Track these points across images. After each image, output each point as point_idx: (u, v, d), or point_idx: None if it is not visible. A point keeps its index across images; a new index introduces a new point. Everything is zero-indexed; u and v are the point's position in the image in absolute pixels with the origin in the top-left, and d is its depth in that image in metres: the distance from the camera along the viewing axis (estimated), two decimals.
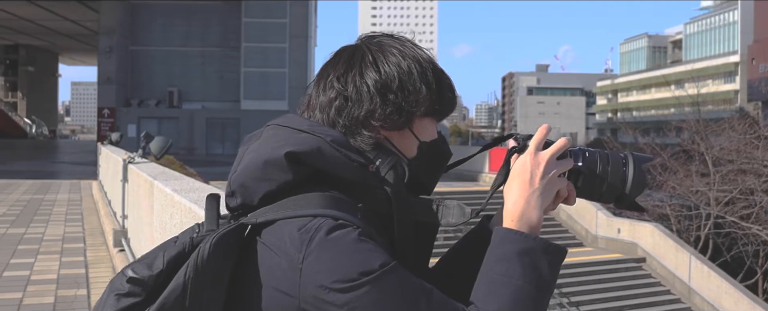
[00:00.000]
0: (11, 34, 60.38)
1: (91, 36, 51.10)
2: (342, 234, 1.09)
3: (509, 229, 1.19)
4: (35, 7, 45.99)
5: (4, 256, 9.67)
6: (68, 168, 30.63)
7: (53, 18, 49.75)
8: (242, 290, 1.15)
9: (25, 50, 69.06)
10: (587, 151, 1.28)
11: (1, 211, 14.56)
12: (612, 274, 19.74)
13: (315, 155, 1.16)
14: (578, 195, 1.28)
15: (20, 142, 56.72)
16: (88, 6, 43.66)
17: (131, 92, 42.10)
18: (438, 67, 1.29)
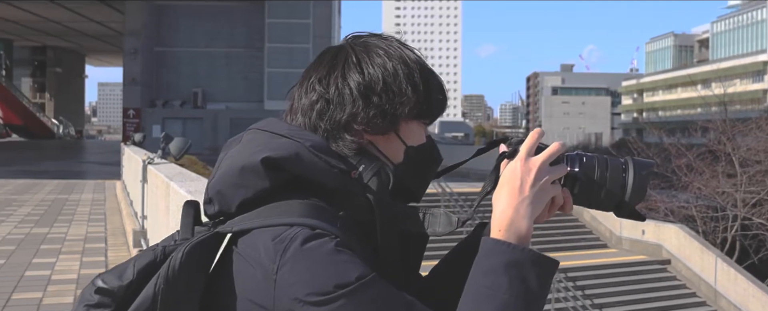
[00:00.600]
0: (39, 36, 61.13)
1: (116, 37, 51.56)
2: (318, 244, 1.04)
3: (496, 240, 1.12)
4: (62, 8, 46.53)
5: (26, 256, 9.75)
6: (93, 168, 30.93)
7: (79, 19, 50.30)
8: (217, 301, 1.11)
9: (52, 51, 69.89)
10: (585, 155, 1.21)
11: (25, 211, 14.71)
12: (636, 276, 19.54)
13: (293, 161, 1.11)
14: (575, 203, 1.21)
15: (48, 142, 57.39)
16: (113, 7, 44.07)
17: (156, 93, 42.42)
18: (427, 67, 1.24)
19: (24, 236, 11.48)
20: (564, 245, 20.98)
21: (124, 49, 42.19)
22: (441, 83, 1.27)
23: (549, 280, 1.12)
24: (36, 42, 66.30)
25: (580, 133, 67.52)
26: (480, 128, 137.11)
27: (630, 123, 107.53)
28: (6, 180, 21.51)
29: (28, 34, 60.07)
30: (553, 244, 20.66)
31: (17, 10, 48.01)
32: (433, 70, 1.26)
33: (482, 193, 1.19)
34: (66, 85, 72.23)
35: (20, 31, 59.00)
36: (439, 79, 1.26)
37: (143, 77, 41.19)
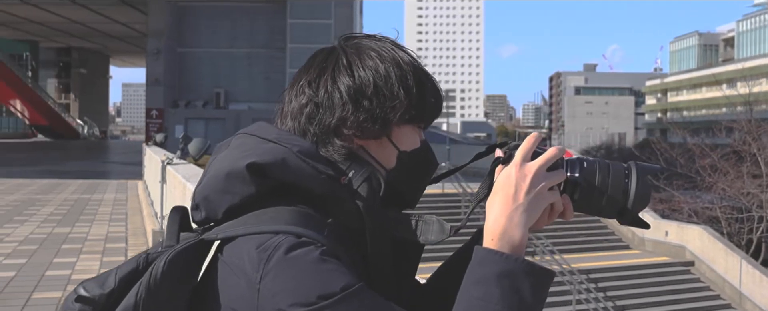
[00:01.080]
0: (64, 37, 61.82)
1: (140, 38, 52.00)
2: (302, 253, 1.01)
3: (488, 249, 1.08)
4: (86, 10, 47.00)
5: (48, 255, 9.84)
6: (117, 168, 31.19)
7: (103, 21, 50.78)
8: (203, 310, 1.08)
9: (77, 53, 70.63)
10: (585, 160, 1.17)
11: (49, 210, 14.85)
12: (659, 278, 19.38)
13: (279, 167, 1.08)
14: (576, 209, 1.17)
15: (72, 142, 58.00)
16: (136, 8, 44.45)
17: (179, 93, 42.69)
18: (421, 69, 1.21)
19: (46, 235, 11.59)
20: (586, 246, 20.85)
21: (147, 50, 42.51)
22: (436, 86, 1.23)
23: (543, 291, 1.08)
24: (61, 43, 67.05)
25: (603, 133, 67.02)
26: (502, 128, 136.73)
27: (654, 123, 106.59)
28: (31, 179, 21.76)
29: (53, 35, 60.77)
30: (574, 245, 20.54)
31: (42, 12, 48.57)
32: (428, 73, 1.22)
33: (475, 200, 1.16)
34: (90, 85, 72.97)
35: (45, 33, 59.70)
36: (434, 81, 1.23)
37: (166, 78, 41.49)
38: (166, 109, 41.24)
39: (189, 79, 42.94)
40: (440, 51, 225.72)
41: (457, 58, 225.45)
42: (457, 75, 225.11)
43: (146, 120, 41.53)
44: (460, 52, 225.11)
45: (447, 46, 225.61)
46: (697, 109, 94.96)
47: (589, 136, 65.65)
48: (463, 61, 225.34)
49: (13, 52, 62.31)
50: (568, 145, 55.71)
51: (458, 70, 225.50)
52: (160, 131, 34.38)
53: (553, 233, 20.01)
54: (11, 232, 11.83)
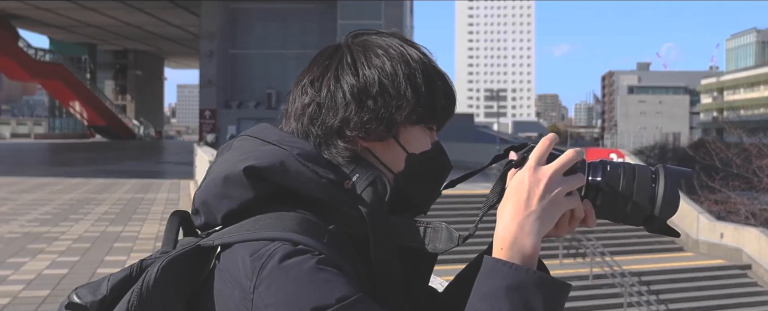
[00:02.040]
0: (121, 40, 63.19)
1: (193, 40, 52.84)
2: (297, 261, 0.95)
3: (497, 260, 1.01)
4: (142, 13, 48.00)
5: (100, 253, 10.07)
6: (171, 168, 31.73)
7: (158, 23, 51.78)
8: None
9: (133, 55, 72.10)
10: (609, 164, 1.09)
11: (103, 209, 15.19)
12: (714, 281, 18.91)
13: (277, 170, 1.03)
14: (599, 216, 1.09)
15: (128, 142, 59.22)
16: (190, 11, 45.18)
17: (231, 94, 43.24)
18: (432, 67, 1.15)
19: (99, 234, 11.86)
20: (638, 248, 20.48)
21: (200, 52, 43.18)
22: (448, 85, 1.17)
23: (558, 306, 1.00)
24: (118, 46, 68.54)
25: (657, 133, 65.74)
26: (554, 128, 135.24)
27: (709, 123, 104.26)
28: (87, 179, 22.28)
29: (110, 38, 62.18)
30: (626, 247, 20.20)
31: (101, 16, 49.78)
32: (440, 71, 1.16)
33: (486, 206, 1.08)
34: (146, 87, 74.39)
35: (103, 36, 61.12)
36: (446, 80, 1.17)
37: (218, 79, 42.06)
38: (219, 109, 41.80)
39: (241, 80, 43.46)
40: (491, 51, 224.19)
41: (508, 57, 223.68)
42: (508, 74, 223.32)
43: (200, 120, 42.16)
44: (511, 52, 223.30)
45: (498, 45, 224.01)
46: (755, 108, 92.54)
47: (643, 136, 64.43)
48: (514, 61, 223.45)
49: (72, 55, 63.98)
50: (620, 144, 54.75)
51: (509, 70, 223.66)
52: (213, 131, 34.83)
53: (603, 234, 19.71)
54: (66, 230, 12.13)
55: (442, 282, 2.02)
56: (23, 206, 15.13)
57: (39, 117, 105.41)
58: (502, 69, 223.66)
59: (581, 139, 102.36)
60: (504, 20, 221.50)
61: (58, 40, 64.48)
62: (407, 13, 47.68)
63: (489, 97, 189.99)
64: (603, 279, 18.06)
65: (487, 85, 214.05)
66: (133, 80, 73.62)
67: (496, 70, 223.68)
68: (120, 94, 75.01)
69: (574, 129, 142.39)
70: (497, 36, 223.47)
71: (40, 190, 18.71)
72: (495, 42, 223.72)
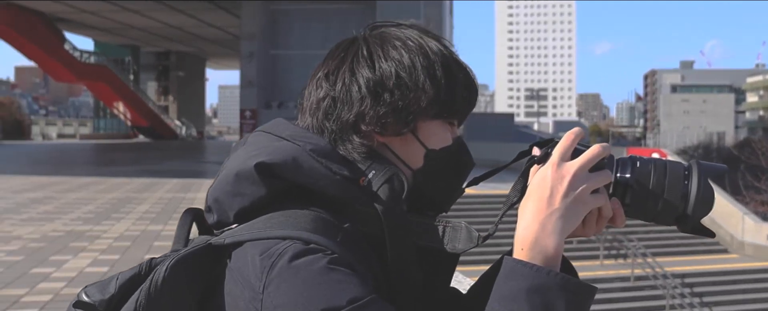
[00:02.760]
0: (163, 42, 64.09)
1: (234, 41, 53.36)
2: (308, 261, 0.92)
3: (517, 260, 0.96)
4: (183, 15, 48.63)
5: (140, 252, 10.21)
6: (212, 167, 32.03)
7: (200, 25, 52.39)
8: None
9: (175, 56, 73.05)
10: (639, 160, 1.04)
11: (144, 209, 15.40)
12: (760, 284, 18.51)
13: (289, 167, 1.01)
14: (628, 215, 1.04)
15: (171, 142, 60.03)
16: (231, 12, 45.64)
17: (271, 94, 43.55)
18: (453, 60, 1.11)
19: (139, 233, 12.02)
20: (681, 249, 20.14)
21: (240, 53, 43.58)
22: (470, 78, 1.13)
23: (583, 310, 0.96)
24: (160, 47, 69.53)
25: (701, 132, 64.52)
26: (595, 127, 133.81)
27: (755, 122, 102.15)
28: (129, 178, 22.61)
29: (153, 40, 63.11)
30: (669, 248, 19.88)
31: (143, 18, 50.57)
32: (461, 63, 1.13)
33: (507, 204, 1.04)
34: (188, 87, 75.30)
35: (146, 38, 62.08)
36: (468, 72, 1.13)
37: (259, 79, 42.40)
38: (260, 110, 42.12)
39: (282, 81, 43.73)
40: (531, 50, 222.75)
41: (549, 56, 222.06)
42: (548, 74, 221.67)
43: (241, 121, 42.56)
44: (552, 51, 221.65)
45: (538, 44, 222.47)
46: None
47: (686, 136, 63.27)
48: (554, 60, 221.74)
49: (116, 57, 65.10)
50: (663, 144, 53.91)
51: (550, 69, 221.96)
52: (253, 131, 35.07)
53: (645, 235, 19.42)
54: (108, 229, 12.32)
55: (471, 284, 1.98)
56: (67, 205, 15.42)
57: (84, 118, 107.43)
58: (542, 68, 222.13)
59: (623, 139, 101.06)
60: (544, 18, 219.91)
61: (102, 43, 65.63)
62: (446, 13, 47.56)
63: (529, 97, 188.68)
64: (645, 281, 17.80)
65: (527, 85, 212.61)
66: (176, 81, 74.58)
67: (536, 69, 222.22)
68: (162, 95, 76.04)
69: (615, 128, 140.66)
70: (537, 35, 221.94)
71: (84, 189, 19.04)
72: (535, 41, 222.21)
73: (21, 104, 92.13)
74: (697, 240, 20.71)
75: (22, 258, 9.24)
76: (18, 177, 22.08)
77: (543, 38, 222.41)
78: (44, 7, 48.72)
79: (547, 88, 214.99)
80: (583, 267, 18.05)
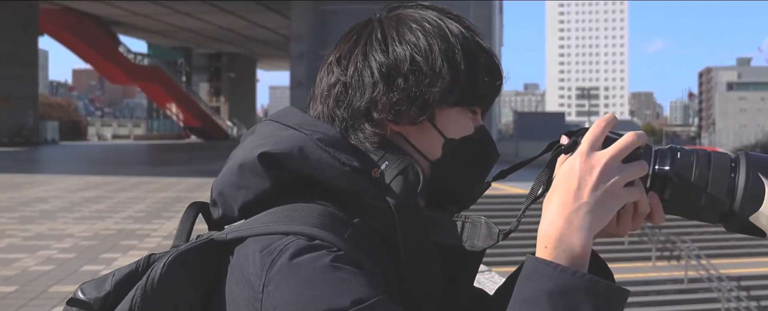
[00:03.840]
0: (214, 43, 65.03)
1: (284, 42, 53.84)
2: (310, 258, 0.85)
3: (540, 260, 0.88)
4: (235, 17, 49.26)
5: None
6: None
7: (250, 26, 53.01)
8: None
9: (227, 58, 74.03)
10: (680, 150, 0.94)
11: None
12: None
13: (295, 157, 0.94)
14: (667, 211, 0.95)
15: (222, 143, 60.80)
16: (281, 14, 46.06)
17: None
18: (475, 43, 1.03)
19: None
20: (737, 251, 19.61)
21: (290, 54, 43.94)
22: (493, 62, 1.05)
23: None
24: (212, 49, 70.55)
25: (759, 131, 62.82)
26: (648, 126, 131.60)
27: None
28: (181, 178, 22.94)
29: (205, 42, 64.08)
30: (724, 249, 19.38)
31: (195, 20, 51.40)
32: (484, 47, 1.05)
33: (530, 197, 0.95)
34: (239, 88, 76.24)
35: (198, 40, 63.07)
36: (491, 57, 1.05)
37: (309, 80, 42.26)
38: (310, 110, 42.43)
39: None
40: (583, 48, 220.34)
41: (600, 55, 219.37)
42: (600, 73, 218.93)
43: None
44: (604, 49, 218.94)
45: (590, 43, 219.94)
46: None
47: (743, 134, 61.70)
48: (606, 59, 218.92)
49: (169, 59, 66.33)
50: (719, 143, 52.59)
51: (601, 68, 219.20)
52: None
53: (699, 236, 18.97)
54: (158, 228, 12.50)
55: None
56: (119, 204, 15.70)
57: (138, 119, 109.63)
58: (594, 67, 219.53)
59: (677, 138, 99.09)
60: (595, 17, 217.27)
61: (155, 45, 66.86)
62: (496, 13, 47.31)
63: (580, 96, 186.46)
64: (699, 283, 17.40)
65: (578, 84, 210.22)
66: (227, 82, 75.56)
67: (588, 68, 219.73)
68: (214, 96, 77.12)
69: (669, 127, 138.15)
70: (589, 33, 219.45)
71: (137, 189, 19.38)
72: (587, 40, 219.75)
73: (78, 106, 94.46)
74: (755, 241, 20.13)
75: (74, 256, 9.40)
76: (74, 176, 22.58)
77: (594, 36, 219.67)
78: (99, 10, 49.89)
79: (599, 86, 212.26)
80: (635, 269, 17.72)
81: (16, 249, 9.58)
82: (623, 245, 18.30)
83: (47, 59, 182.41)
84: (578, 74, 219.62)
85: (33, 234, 10.92)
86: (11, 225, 11.67)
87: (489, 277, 2.61)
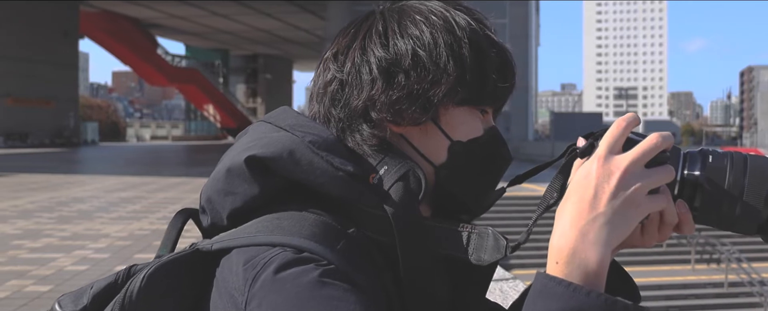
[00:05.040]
0: (251, 45, 65.62)
1: (320, 43, 54.07)
2: (296, 273, 0.77)
3: (550, 277, 0.76)
4: (271, 18, 49.62)
5: None
6: None
7: (286, 28, 53.38)
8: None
9: (263, 59, 74.68)
10: (712, 153, 0.84)
11: None
12: None
13: (285, 161, 0.86)
14: (698, 221, 0.84)
15: None
16: (317, 15, 46.27)
17: None
18: (484, 36, 0.95)
19: None
20: None
21: None
22: (504, 58, 0.96)
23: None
24: (249, 51, 71.20)
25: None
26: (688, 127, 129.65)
27: None
28: None
29: (242, 43, 64.68)
30: (766, 253, 18.96)
31: (232, 22, 51.91)
32: (495, 41, 0.96)
33: (541, 206, 0.85)
34: (276, 89, 76.82)
35: (235, 42, 63.67)
36: (502, 51, 0.96)
37: None
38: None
39: None
40: (621, 48, 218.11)
41: (639, 54, 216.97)
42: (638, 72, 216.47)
43: None
44: (642, 49, 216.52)
45: (628, 42, 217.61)
46: None
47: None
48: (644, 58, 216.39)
49: (206, 60, 67.04)
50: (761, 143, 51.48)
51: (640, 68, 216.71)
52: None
53: (740, 239, 18.57)
54: (191, 228, 12.46)
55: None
56: (155, 204, 15.84)
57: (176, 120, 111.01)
58: (632, 67, 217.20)
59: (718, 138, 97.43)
60: (634, 16, 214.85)
61: (193, 47, 67.69)
62: (533, 12, 46.98)
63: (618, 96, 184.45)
64: (740, 287, 17.00)
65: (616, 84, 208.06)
66: (263, 83, 76.19)
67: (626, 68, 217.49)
68: (251, 97, 77.80)
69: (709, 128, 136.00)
70: (627, 33, 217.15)
71: (173, 189, 19.56)
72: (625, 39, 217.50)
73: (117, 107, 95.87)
74: None
75: (108, 256, 9.48)
76: (112, 177, 22.91)
77: (633, 36, 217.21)
78: (138, 13, 50.62)
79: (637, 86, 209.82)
80: (674, 272, 17.42)
81: (52, 248, 9.70)
82: (662, 248, 17.98)
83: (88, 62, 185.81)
84: (616, 74, 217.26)
85: (70, 234, 11.05)
86: (49, 225, 11.83)
87: (513, 286, 2.51)
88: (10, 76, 42.11)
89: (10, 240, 10.28)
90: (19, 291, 7.25)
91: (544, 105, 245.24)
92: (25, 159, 31.09)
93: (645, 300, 15.99)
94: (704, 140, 78.97)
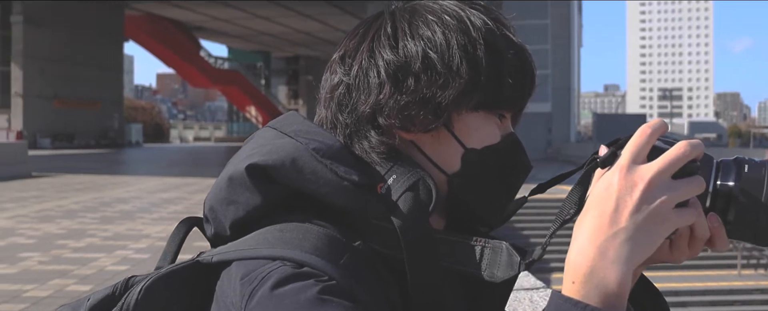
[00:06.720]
0: (292, 47, 66.09)
1: None
2: (294, 289, 0.73)
3: (566, 298, 0.70)
4: (311, 20, 49.92)
5: None
6: None
7: (327, 29, 53.62)
8: None
9: (304, 61, 75.15)
10: (748, 162, 0.76)
11: None
12: None
13: (287, 170, 0.82)
14: (732, 236, 0.77)
15: None
16: (356, 16, 46.39)
17: None
18: (501, 37, 0.89)
19: None
20: None
21: None
22: (523, 60, 0.90)
23: None
24: (290, 53, 71.71)
25: None
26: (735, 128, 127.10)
27: None
28: None
29: (283, 45, 65.19)
30: None
31: (274, 24, 52.36)
32: (514, 41, 0.90)
33: (558, 219, 0.78)
34: (317, 91, 77.13)
35: (277, 44, 64.21)
36: (521, 52, 0.90)
37: None
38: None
39: None
40: (665, 48, 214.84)
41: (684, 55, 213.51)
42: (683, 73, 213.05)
43: None
44: (687, 49, 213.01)
45: (672, 43, 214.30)
46: None
47: None
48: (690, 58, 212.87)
49: (248, 62, 67.71)
50: None
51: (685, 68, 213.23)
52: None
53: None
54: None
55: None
56: (194, 205, 15.99)
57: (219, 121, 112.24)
58: (677, 67, 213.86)
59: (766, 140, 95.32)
60: (678, 15, 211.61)
61: (235, 49, 68.41)
62: (575, 12, 46.53)
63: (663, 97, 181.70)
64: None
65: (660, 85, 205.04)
66: (305, 85, 76.60)
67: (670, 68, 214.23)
68: (292, 99, 78.28)
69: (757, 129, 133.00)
70: (671, 33, 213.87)
71: None
72: (669, 39, 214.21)
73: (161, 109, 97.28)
74: None
75: (149, 257, 9.58)
76: (154, 178, 23.19)
77: (678, 36, 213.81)
78: (181, 16, 51.36)
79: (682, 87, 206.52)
80: (719, 277, 17.05)
81: (95, 248, 9.84)
82: (707, 252, 17.55)
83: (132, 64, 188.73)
84: (660, 75, 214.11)
85: (111, 234, 11.21)
86: (93, 225, 12.02)
87: (544, 295, 2.44)
88: (56, 79, 43.01)
89: (54, 239, 10.47)
90: (61, 290, 7.36)
91: (587, 106, 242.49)
92: (71, 160, 31.67)
93: (689, 305, 15.68)
94: (752, 141, 77.29)
